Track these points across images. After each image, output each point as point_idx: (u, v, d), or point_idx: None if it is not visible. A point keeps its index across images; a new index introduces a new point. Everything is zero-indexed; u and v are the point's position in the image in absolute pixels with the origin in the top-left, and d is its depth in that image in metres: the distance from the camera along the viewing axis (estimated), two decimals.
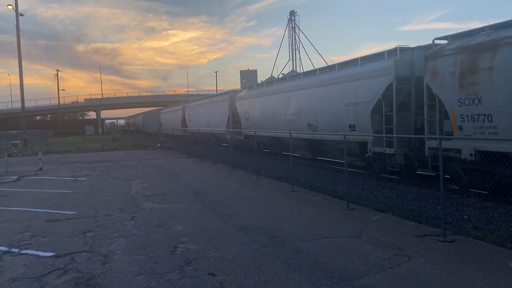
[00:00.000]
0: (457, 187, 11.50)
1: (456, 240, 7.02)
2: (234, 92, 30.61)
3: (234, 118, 28.86)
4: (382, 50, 14.39)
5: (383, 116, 13.70)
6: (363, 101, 14.56)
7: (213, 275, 5.80)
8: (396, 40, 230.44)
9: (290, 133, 14.33)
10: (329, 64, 19.37)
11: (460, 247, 6.68)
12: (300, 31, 64.14)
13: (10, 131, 49.21)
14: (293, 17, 63.37)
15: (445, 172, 11.28)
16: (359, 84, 14.85)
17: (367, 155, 14.59)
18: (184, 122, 42.25)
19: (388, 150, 13.51)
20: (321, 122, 17.44)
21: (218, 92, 48.74)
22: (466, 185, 11.14)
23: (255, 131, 19.06)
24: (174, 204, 10.85)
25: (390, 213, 9.13)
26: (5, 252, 7.15)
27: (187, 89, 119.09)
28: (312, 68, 33.44)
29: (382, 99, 13.64)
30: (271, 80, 27.49)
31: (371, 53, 15.43)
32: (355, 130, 14.98)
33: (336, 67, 16.86)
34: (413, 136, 13.07)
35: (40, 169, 20.08)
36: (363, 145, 14.75)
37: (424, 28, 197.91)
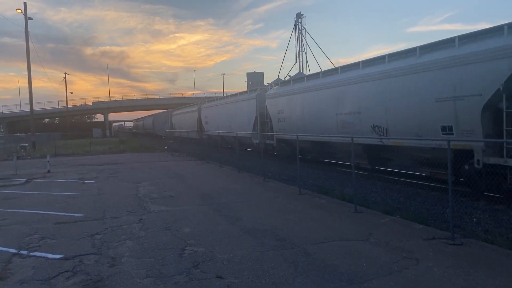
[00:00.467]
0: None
1: (465, 243, 6.96)
2: (263, 89, 26.86)
3: (263, 120, 25.18)
4: (495, 25, 10.88)
5: (504, 114, 10.16)
6: (468, 94, 10.94)
7: (221, 277, 5.80)
8: (404, 41, 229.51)
9: (297, 135, 14.06)
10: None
11: (469, 250, 6.62)
12: (306, 33, 64.21)
13: (18, 134, 49.61)
14: (299, 19, 63.42)
15: None
16: (460, 71, 11.19)
17: (466, 167, 11.31)
18: (200, 125, 39.71)
19: (511, 162, 10.00)
20: (394, 123, 13.78)
21: (231, 93, 45.70)
22: None
23: (262, 135, 18.84)
24: (181, 206, 10.87)
25: (398, 216, 9.08)
26: (14, 254, 7.19)
27: (194, 92, 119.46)
28: (319, 70, 32.44)
29: (502, 91, 10.06)
30: (314, 73, 22.67)
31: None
32: (452, 133, 11.54)
33: (418, 52, 12.98)
34: None
35: (49, 171, 20.22)
36: (463, 154, 11.13)
37: (432, 29, 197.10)
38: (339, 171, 17.27)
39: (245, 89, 30.65)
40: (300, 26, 63.40)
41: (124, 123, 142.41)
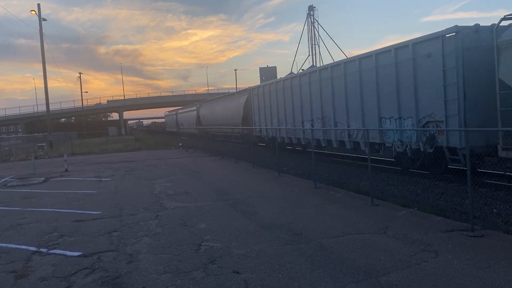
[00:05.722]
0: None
1: (486, 234, 6.83)
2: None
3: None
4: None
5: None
6: None
7: (237, 272, 5.79)
8: (419, 31, 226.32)
9: (312, 129, 14.06)
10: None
11: (489, 242, 6.50)
12: (319, 25, 63.67)
13: (36, 134, 50.44)
14: (312, 12, 62.89)
15: None
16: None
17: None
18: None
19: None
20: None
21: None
22: None
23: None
24: (197, 202, 10.91)
25: (416, 208, 8.96)
26: (34, 252, 7.31)
27: (207, 88, 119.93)
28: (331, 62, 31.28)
29: None
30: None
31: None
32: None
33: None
34: None
35: (66, 170, 20.49)
36: None
37: (447, 18, 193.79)
38: (354, 164, 17.10)
39: (258, 83, 30.27)
40: (312, 19, 62.92)
41: (139, 120, 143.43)
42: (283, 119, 21.80)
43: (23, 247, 7.65)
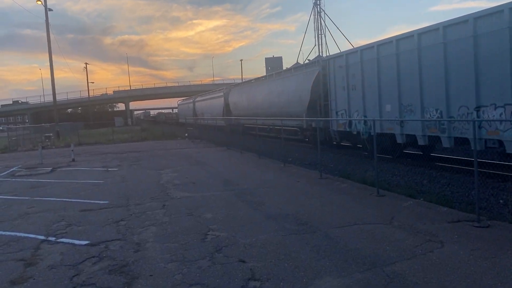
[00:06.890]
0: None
1: (492, 225, 6.82)
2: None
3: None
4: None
5: None
6: None
7: (243, 261, 5.84)
8: (426, 21, 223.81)
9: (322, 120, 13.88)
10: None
11: (496, 232, 6.49)
12: (325, 15, 63.19)
13: (43, 124, 50.66)
14: (318, 1, 62.36)
15: None
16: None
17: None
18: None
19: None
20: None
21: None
22: None
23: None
24: (204, 192, 10.96)
25: (421, 199, 8.95)
26: (42, 241, 7.40)
27: (212, 78, 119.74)
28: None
29: None
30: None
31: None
32: None
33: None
34: None
35: (73, 160, 20.63)
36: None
37: (456, 7, 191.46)
38: (360, 155, 17.07)
39: (264, 74, 28.42)
40: (318, 8, 62.37)
41: (145, 110, 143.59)
42: (411, 104, 13.04)
43: (32, 235, 7.75)
